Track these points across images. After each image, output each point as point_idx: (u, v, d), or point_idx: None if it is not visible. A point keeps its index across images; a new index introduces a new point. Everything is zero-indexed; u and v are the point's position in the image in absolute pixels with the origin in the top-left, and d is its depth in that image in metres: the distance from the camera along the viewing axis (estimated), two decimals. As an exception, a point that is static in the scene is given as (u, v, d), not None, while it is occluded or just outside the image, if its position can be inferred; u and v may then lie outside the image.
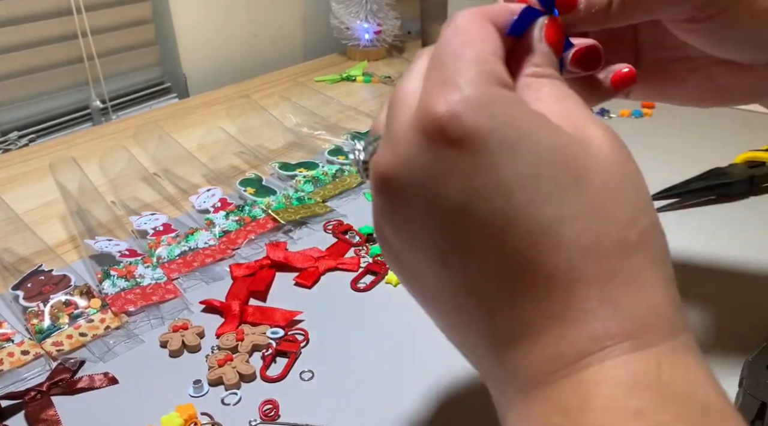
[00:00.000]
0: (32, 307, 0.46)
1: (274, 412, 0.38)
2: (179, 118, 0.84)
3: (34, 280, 0.49)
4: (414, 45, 1.12)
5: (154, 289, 0.48)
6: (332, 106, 0.84)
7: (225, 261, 0.53)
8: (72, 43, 0.84)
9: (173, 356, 0.43)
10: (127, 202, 0.62)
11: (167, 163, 0.68)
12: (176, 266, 0.51)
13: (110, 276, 0.49)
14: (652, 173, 0.63)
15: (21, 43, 0.80)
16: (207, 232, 0.55)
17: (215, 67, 1.01)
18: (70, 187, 0.61)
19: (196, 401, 0.39)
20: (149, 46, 0.95)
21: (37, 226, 0.59)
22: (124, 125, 0.81)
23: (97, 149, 0.73)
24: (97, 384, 0.41)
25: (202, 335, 0.45)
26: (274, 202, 0.59)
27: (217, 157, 0.71)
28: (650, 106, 0.79)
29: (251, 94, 0.88)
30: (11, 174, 0.70)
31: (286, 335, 0.44)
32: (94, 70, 0.87)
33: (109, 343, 0.44)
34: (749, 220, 0.56)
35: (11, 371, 0.42)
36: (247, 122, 0.79)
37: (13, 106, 0.82)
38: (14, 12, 0.78)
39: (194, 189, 0.63)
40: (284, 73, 1.00)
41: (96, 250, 0.52)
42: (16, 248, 0.55)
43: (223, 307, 0.47)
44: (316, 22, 1.11)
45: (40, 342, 0.44)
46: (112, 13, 0.88)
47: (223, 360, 0.41)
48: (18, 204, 0.62)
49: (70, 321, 0.45)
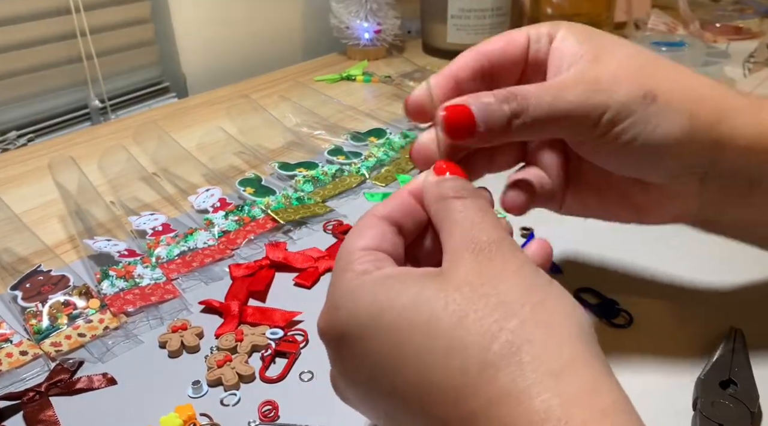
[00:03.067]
0: (31, 308, 0.46)
1: (273, 412, 0.38)
2: (178, 117, 0.83)
3: (32, 281, 0.49)
4: (414, 44, 1.12)
5: (153, 290, 0.48)
6: (332, 106, 0.84)
7: (224, 261, 0.53)
8: (71, 42, 0.84)
9: (172, 357, 0.43)
10: (126, 202, 0.62)
11: (166, 163, 0.68)
12: (175, 266, 0.51)
13: (109, 276, 0.49)
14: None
15: (20, 43, 0.80)
16: (206, 232, 0.55)
17: (215, 67, 1.01)
18: (69, 187, 0.61)
19: (195, 402, 0.39)
20: (148, 45, 0.95)
21: (36, 226, 0.58)
22: (123, 125, 0.81)
23: (96, 149, 0.73)
24: (96, 384, 0.41)
25: (201, 336, 0.44)
26: (274, 202, 0.59)
27: (216, 157, 0.71)
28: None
29: (251, 93, 0.88)
30: (10, 174, 0.70)
31: (285, 336, 0.44)
32: (93, 70, 0.86)
33: (108, 344, 0.44)
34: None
35: (10, 372, 0.42)
36: (247, 122, 0.79)
37: (12, 106, 0.82)
38: (13, 11, 0.78)
39: (193, 189, 0.63)
40: (284, 73, 0.99)
41: (95, 250, 0.52)
42: (15, 248, 0.55)
43: (223, 308, 0.46)
44: (316, 22, 1.11)
45: (38, 342, 0.44)
46: (111, 13, 0.88)
47: (222, 360, 0.41)
48: (17, 204, 0.61)
49: (68, 321, 0.45)
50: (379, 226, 0.29)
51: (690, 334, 0.43)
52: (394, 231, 0.30)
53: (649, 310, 0.45)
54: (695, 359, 0.40)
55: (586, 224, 0.57)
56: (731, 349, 0.40)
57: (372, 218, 0.30)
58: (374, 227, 0.29)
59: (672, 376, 0.40)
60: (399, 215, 0.30)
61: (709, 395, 0.36)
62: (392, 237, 0.29)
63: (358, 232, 0.29)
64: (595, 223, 0.57)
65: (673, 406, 0.38)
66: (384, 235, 0.29)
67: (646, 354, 0.42)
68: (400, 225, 0.30)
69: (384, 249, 0.29)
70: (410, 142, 0.71)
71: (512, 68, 0.36)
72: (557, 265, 0.50)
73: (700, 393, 0.37)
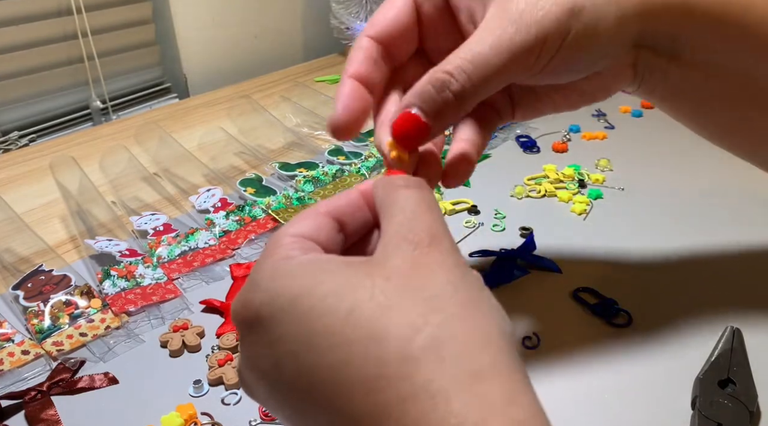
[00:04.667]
0: (32, 307, 0.46)
1: (274, 411, 0.38)
2: (179, 118, 0.84)
3: (34, 280, 0.49)
4: (414, 45, 1.12)
5: (155, 289, 0.48)
6: (332, 106, 0.84)
7: (225, 261, 0.53)
8: (72, 43, 0.84)
9: (173, 356, 0.43)
10: (127, 202, 0.62)
11: (167, 163, 0.68)
12: (176, 266, 0.52)
13: (110, 276, 0.49)
14: (650, 174, 0.63)
15: (21, 43, 0.80)
16: (207, 232, 0.55)
17: (215, 67, 1.01)
18: (70, 187, 0.61)
19: (197, 401, 0.39)
20: (149, 46, 0.95)
21: (38, 226, 0.59)
22: (125, 125, 0.81)
23: (98, 149, 0.73)
24: (98, 384, 0.41)
25: (202, 335, 0.45)
26: (274, 202, 0.59)
27: (217, 157, 0.71)
28: (649, 106, 0.80)
29: (251, 94, 0.88)
30: (11, 174, 0.70)
31: (286, 335, 0.44)
32: (94, 70, 0.87)
33: (110, 343, 0.44)
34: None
35: (11, 371, 0.42)
36: (248, 122, 0.79)
37: (14, 106, 0.82)
38: (14, 12, 0.78)
39: (194, 189, 0.63)
40: (284, 73, 1.00)
41: (96, 250, 0.52)
42: (17, 248, 0.55)
43: (223, 307, 0.47)
44: (316, 22, 1.11)
45: (40, 342, 0.44)
46: (112, 13, 0.88)
47: (223, 360, 0.41)
48: (18, 204, 0.62)
49: (70, 321, 0.45)
50: (317, 218, 0.28)
51: (689, 334, 0.43)
52: (333, 227, 0.28)
53: (649, 309, 0.45)
54: (694, 358, 0.40)
55: (586, 224, 0.57)
56: (729, 348, 0.40)
57: (311, 211, 0.28)
58: (311, 218, 0.27)
59: (671, 375, 0.40)
60: (343, 212, 0.28)
61: (708, 394, 0.37)
62: (330, 232, 0.28)
63: (294, 221, 0.27)
64: (595, 223, 0.57)
65: (672, 404, 0.38)
66: (320, 227, 0.27)
67: (646, 353, 0.42)
68: (343, 223, 0.28)
69: (317, 240, 0.27)
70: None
71: (408, 35, 0.35)
72: (557, 265, 0.50)
73: (699, 392, 0.37)
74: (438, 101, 0.30)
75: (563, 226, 0.57)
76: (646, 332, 0.43)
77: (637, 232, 0.55)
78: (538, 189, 0.62)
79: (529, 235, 0.53)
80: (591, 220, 0.58)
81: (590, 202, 0.60)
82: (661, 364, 0.41)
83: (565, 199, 0.60)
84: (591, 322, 0.45)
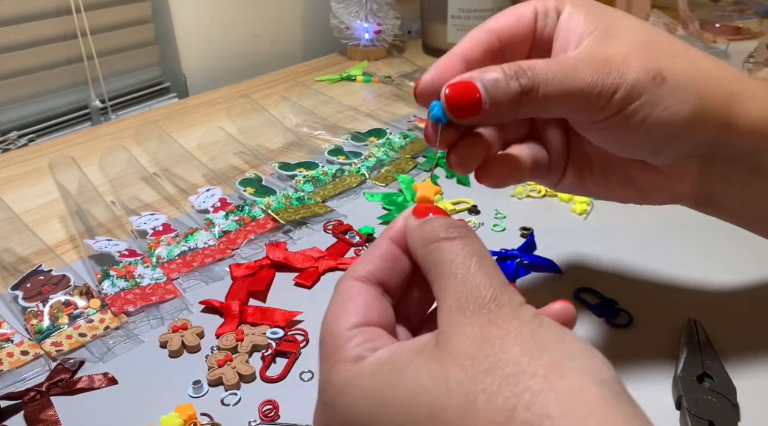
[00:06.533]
0: (31, 307, 0.46)
1: (273, 412, 0.38)
2: (179, 117, 0.83)
3: (33, 280, 0.49)
4: (414, 44, 1.12)
5: (154, 289, 0.48)
6: (332, 106, 0.84)
7: (225, 261, 0.53)
8: (71, 42, 0.84)
9: (173, 356, 0.43)
10: (126, 202, 0.62)
11: (167, 163, 0.68)
12: (176, 266, 0.51)
13: (110, 276, 0.49)
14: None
15: (20, 43, 0.80)
16: (207, 232, 0.55)
17: (215, 67, 1.01)
18: (69, 187, 0.61)
19: (196, 401, 0.39)
20: (149, 45, 0.95)
21: (37, 226, 0.59)
22: (124, 125, 0.81)
23: (97, 149, 0.73)
24: (97, 384, 0.41)
25: (201, 335, 0.44)
26: (274, 202, 0.59)
27: (216, 157, 0.71)
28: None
29: (251, 93, 0.88)
30: (10, 174, 0.70)
31: (285, 335, 0.44)
32: (93, 70, 0.87)
33: (109, 344, 0.44)
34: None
35: (10, 371, 0.42)
36: (247, 122, 0.79)
37: (13, 106, 0.82)
38: (14, 12, 0.78)
39: (194, 189, 0.63)
40: (284, 73, 1.00)
41: (95, 250, 0.52)
42: (16, 248, 0.55)
43: (223, 308, 0.46)
44: (316, 22, 1.11)
45: (39, 342, 0.44)
46: (111, 13, 0.88)
47: (222, 360, 0.41)
48: (17, 204, 0.61)
49: (69, 321, 0.45)
50: (362, 293, 0.26)
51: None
52: (378, 293, 0.27)
53: (649, 309, 0.45)
54: (668, 357, 0.40)
55: (587, 224, 0.57)
56: (696, 341, 0.40)
57: (352, 283, 0.27)
58: (357, 296, 0.26)
59: (671, 374, 0.40)
60: (382, 272, 0.27)
61: (691, 392, 0.36)
62: (378, 302, 0.26)
63: (342, 307, 0.26)
64: (595, 223, 0.57)
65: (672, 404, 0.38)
66: (369, 303, 0.26)
67: (646, 353, 0.42)
68: (385, 283, 0.27)
69: (372, 320, 0.26)
70: (410, 143, 0.71)
71: (521, 44, 0.35)
72: (557, 265, 0.50)
73: (683, 391, 0.36)
74: (503, 86, 0.29)
75: (564, 226, 0.57)
76: (647, 332, 0.43)
77: (638, 232, 0.55)
78: (538, 189, 0.62)
79: (530, 235, 0.53)
80: (592, 220, 0.58)
81: (591, 202, 0.60)
82: (661, 363, 0.41)
83: (565, 199, 0.60)
84: (592, 322, 0.44)
